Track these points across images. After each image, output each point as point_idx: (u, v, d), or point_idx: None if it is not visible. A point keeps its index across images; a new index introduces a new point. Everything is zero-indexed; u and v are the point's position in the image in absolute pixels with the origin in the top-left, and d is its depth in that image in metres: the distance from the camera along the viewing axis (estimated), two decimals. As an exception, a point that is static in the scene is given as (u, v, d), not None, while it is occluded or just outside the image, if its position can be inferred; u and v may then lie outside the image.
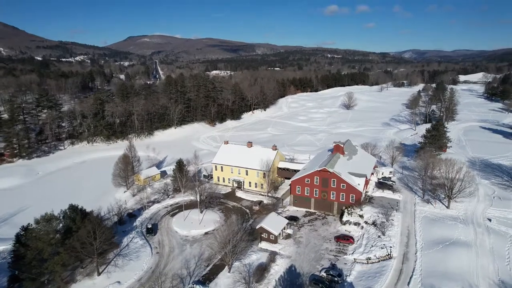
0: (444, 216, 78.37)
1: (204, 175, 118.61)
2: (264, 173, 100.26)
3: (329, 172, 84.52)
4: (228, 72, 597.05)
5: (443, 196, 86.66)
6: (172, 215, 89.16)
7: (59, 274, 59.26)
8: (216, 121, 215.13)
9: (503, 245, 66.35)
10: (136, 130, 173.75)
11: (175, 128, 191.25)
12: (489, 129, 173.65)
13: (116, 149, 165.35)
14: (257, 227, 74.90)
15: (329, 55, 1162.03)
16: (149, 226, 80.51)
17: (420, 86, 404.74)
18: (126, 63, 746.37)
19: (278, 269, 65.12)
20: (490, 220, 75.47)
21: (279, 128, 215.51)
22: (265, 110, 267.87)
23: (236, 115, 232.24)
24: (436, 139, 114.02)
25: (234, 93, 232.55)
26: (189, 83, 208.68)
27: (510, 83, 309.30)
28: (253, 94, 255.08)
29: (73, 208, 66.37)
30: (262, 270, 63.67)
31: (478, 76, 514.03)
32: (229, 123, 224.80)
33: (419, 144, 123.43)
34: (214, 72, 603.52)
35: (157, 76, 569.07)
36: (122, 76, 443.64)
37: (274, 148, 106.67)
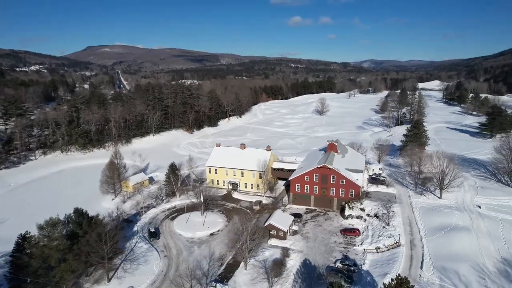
0: (438, 205, 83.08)
1: (194, 180, 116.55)
2: (260, 174, 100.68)
3: (329, 168, 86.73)
4: (196, 81, 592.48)
5: (433, 188, 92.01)
6: (172, 219, 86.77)
7: (68, 281, 55.53)
8: (194, 128, 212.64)
9: (497, 227, 71.49)
10: (113, 138, 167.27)
11: (153, 135, 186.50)
12: (455, 129, 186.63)
13: (93, 158, 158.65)
14: (265, 224, 74.94)
15: (293, 65, 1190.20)
16: (152, 230, 77.82)
17: (384, 92, 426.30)
18: (88, 73, 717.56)
19: (293, 263, 65.49)
20: (479, 207, 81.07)
21: (257, 133, 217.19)
22: (240, 116, 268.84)
23: (213, 122, 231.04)
24: (418, 137, 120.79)
25: (211, 99, 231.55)
26: (166, 90, 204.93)
27: (463, 89, 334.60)
28: (229, 101, 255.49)
29: (78, 212, 62.68)
30: (279, 265, 63.64)
31: (434, 83, 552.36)
32: (207, 130, 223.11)
33: (401, 143, 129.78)
34: (181, 81, 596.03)
35: (121, 86, 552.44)
36: (86, 86, 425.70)
37: (268, 149, 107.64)
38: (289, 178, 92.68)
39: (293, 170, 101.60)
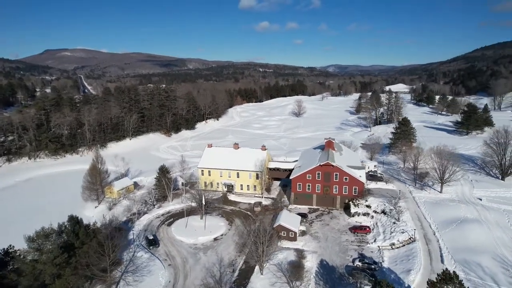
0: (441, 199, 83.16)
1: (182, 183, 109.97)
2: (257, 174, 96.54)
3: (332, 166, 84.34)
4: (164, 85, 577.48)
5: (431, 182, 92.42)
6: (169, 225, 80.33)
7: (66, 300, 48.31)
8: (172, 131, 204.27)
9: (503, 218, 72.07)
10: (87, 142, 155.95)
11: (130, 139, 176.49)
12: (431, 127, 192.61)
13: (65, 164, 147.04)
14: (274, 225, 70.79)
15: (261, 69, 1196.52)
16: (151, 237, 71.20)
17: (354, 95, 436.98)
18: (48, 77, 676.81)
19: (310, 265, 61.90)
20: (480, 199, 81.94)
21: (238, 135, 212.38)
22: (218, 119, 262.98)
23: (191, 125, 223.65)
24: (406, 133, 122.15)
25: (188, 101, 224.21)
26: (143, 91, 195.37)
27: (429, 91, 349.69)
28: (206, 103, 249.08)
29: (74, 220, 55.23)
30: (296, 268, 59.79)
31: (398, 86, 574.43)
32: (185, 133, 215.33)
33: (389, 140, 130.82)
34: (150, 85, 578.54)
35: (86, 91, 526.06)
36: (48, 90, 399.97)
37: (264, 148, 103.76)
38: (290, 177, 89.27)
39: (290, 170, 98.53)
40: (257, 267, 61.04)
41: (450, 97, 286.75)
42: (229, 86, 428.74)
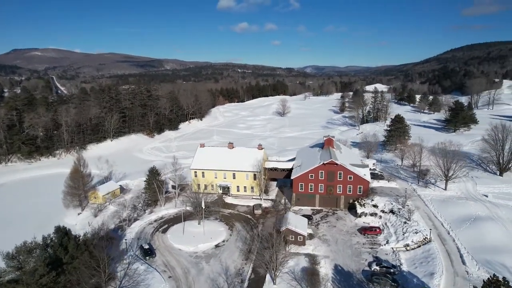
0: (448, 197, 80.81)
1: (172, 186, 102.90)
2: (255, 175, 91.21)
3: (336, 164, 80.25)
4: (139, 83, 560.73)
5: (434, 180, 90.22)
6: (164, 231, 73.59)
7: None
8: (154, 132, 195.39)
9: (514, 215, 70.13)
10: (65, 144, 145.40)
11: (111, 140, 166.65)
12: (418, 125, 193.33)
13: (41, 168, 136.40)
14: (281, 229, 65.65)
15: (240, 70, 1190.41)
16: (146, 246, 64.32)
17: (335, 94, 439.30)
18: (16, 78, 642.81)
19: (325, 271, 57.18)
20: (486, 196, 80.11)
21: (224, 136, 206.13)
22: (201, 119, 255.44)
23: (174, 125, 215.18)
24: (402, 130, 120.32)
25: (171, 101, 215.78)
26: (124, 90, 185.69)
27: (410, 90, 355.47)
28: (189, 103, 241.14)
29: (61, 231, 47.87)
30: (310, 275, 54.86)
31: (376, 86, 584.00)
32: (168, 133, 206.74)
33: (384, 138, 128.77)
34: (126, 86, 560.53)
35: (59, 92, 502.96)
36: (18, 91, 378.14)
37: (260, 147, 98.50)
38: (292, 177, 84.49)
39: (288, 170, 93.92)
40: (268, 276, 55.70)
41: (431, 96, 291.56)
42: (210, 86, 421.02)
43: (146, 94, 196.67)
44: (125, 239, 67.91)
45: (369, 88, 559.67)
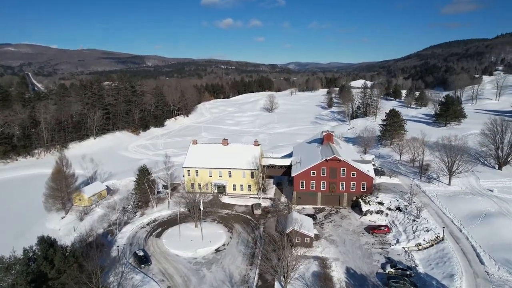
0: (453, 192, 78.52)
1: (163, 185, 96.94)
2: (252, 173, 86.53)
3: (339, 160, 76.49)
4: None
5: (436, 175, 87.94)
6: (158, 235, 68.01)
7: None
8: (139, 128, 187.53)
9: (524, 210, 68.16)
10: (44, 143, 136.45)
11: (94, 138, 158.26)
12: (409, 120, 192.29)
13: (18, 168, 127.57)
14: (287, 231, 61.29)
15: (223, 66, 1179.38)
16: (140, 254, 58.66)
17: (321, 90, 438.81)
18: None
19: (337, 275, 53.25)
20: (492, 190, 78.16)
21: (212, 132, 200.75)
22: (187, 116, 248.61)
23: (160, 122, 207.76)
24: (397, 125, 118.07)
25: (156, 97, 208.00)
26: (107, 86, 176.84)
27: (396, 85, 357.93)
28: (175, 99, 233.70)
29: (46, 243, 41.74)
30: (323, 280, 50.86)
31: (360, 82, 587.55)
32: (154, 130, 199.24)
33: (380, 132, 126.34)
34: (107, 82, 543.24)
35: (36, 89, 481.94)
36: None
37: (257, 143, 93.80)
38: (292, 174, 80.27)
39: (286, 166, 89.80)
40: (277, 283, 51.27)
41: (417, 92, 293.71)
42: (194, 82, 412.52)
43: (131, 89, 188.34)
44: (117, 246, 62.01)
45: (354, 83, 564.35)
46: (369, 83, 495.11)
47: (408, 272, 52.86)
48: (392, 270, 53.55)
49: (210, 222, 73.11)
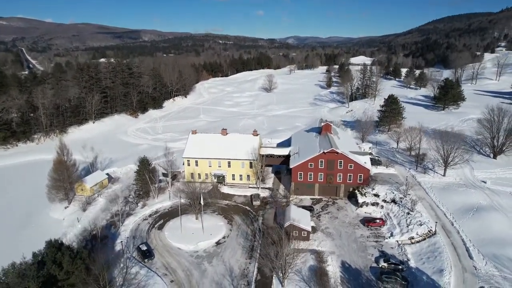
0: (447, 184, 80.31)
1: (163, 173, 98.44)
2: (251, 163, 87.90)
3: (337, 153, 77.71)
4: (120, 59, 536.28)
5: (432, 165, 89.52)
6: (160, 228, 70.19)
7: None
8: (138, 111, 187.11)
9: (514, 203, 70.21)
10: (44, 128, 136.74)
11: (93, 122, 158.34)
12: (407, 102, 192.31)
13: (19, 154, 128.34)
14: (285, 225, 63.39)
15: (221, 41, 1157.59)
16: (144, 248, 60.90)
17: (320, 68, 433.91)
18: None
19: (333, 269, 55.76)
20: (485, 182, 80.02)
21: (211, 114, 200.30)
22: (186, 97, 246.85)
23: (158, 104, 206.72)
24: (396, 112, 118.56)
25: (154, 78, 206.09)
26: (104, 69, 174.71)
27: (396, 64, 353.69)
28: (172, 79, 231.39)
29: (54, 246, 43.48)
30: (319, 275, 53.33)
31: (360, 58, 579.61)
32: (153, 112, 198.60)
33: (378, 118, 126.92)
34: (103, 59, 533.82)
35: (31, 66, 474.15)
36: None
37: (255, 133, 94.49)
38: (290, 166, 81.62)
39: (284, 156, 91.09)
40: (275, 278, 53.75)
41: (417, 71, 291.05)
42: (191, 60, 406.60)
43: (128, 71, 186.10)
44: (121, 241, 64.03)
45: (354, 60, 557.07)
46: (368, 60, 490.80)
47: (400, 267, 55.36)
48: (385, 264, 56.04)
49: (210, 213, 75.07)
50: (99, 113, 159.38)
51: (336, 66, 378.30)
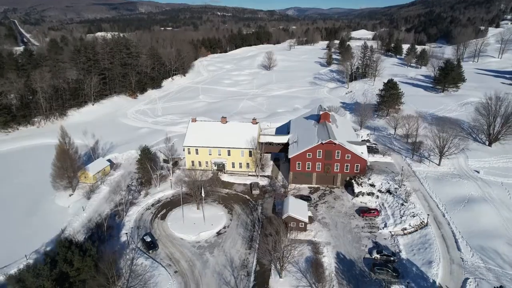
0: (442, 174, 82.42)
1: (164, 160, 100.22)
2: (250, 151, 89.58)
3: (334, 144, 79.24)
4: (116, 33, 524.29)
5: (428, 154, 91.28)
6: (163, 218, 72.88)
7: None
8: (137, 92, 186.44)
9: (504, 194, 72.73)
10: (43, 111, 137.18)
11: (93, 104, 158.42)
12: (406, 83, 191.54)
13: (20, 139, 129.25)
14: (283, 216, 65.98)
15: (219, 13, 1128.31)
16: (148, 239, 63.67)
17: (320, 43, 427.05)
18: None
19: (328, 261, 58.84)
20: (478, 172, 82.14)
21: (210, 94, 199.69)
22: (184, 75, 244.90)
23: (157, 84, 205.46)
24: (395, 96, 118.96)
25: (152, 57, 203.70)
26: (101, 49, 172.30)
27: (398, 40, 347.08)
28: (170, 57, 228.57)
29: (65, 245, 45.88)
30: (315, 266, 56.30)
31: (361, 32, 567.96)
32: (151, 93, 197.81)
33: (376, 102, 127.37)
34: (100, 34, 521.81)
35: (26, 40, 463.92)
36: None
37: (255, 122, 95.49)
38: (289, 156, 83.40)
39: (283, 144, 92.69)
40: (273, 270, 56.84)
41: (418, 47, 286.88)
42: (190, 35, 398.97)
43: (126, 52, 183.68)
44: (126, 232, 66.71)
45: (355, 34, 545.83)
46: (370, 34, 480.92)
47: (392, 258, 58.40)
48: (378, 256, 59.06)
49: (211, 203, 77.47)
50: (98, 95, 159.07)
51: (337, 42, 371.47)
